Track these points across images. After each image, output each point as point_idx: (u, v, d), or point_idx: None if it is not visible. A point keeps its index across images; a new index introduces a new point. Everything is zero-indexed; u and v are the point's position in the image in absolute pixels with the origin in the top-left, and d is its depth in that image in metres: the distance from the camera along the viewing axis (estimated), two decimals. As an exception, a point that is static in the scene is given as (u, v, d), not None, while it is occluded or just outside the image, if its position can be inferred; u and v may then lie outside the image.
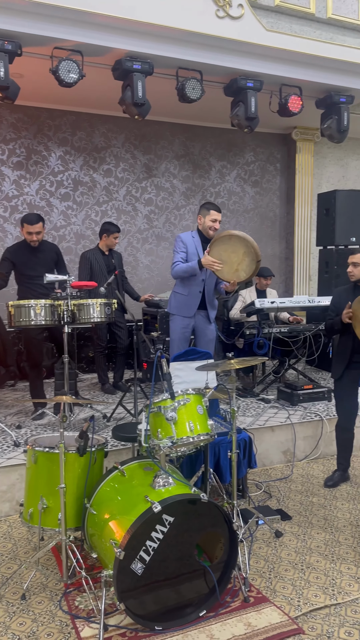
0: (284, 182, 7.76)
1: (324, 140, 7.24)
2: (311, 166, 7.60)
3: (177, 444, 2.43)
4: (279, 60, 5.24)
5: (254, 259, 3.86)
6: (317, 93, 5.77)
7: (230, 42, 4.91)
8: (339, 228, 5.97)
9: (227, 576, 2.44)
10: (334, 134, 5.76)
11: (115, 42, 4.62)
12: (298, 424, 4.27)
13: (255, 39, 4.97)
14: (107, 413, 4.40)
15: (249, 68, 5.15)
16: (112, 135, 6.64)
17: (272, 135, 7.58)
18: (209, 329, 4.26)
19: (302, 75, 5.39)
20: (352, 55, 5.43)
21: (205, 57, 4.96)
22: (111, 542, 2.27)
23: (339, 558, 2.81)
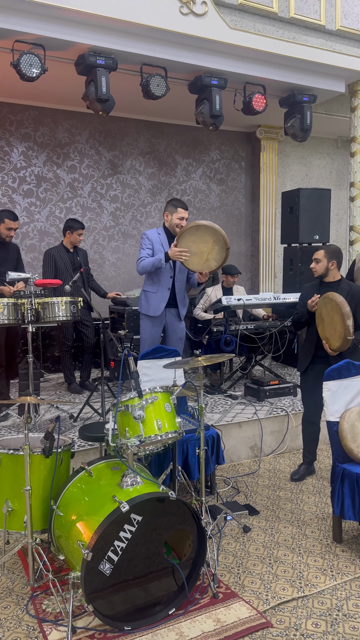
0: (249, 180, 7.82)
1: (288, 139, 7.34)
2: (275, 165, 7.69)
3: (145, 442, 2.41)
4: (243, 58, 5.28)
5: (223, 247, 3.86)
6: (280, 92, 5.84)
7: (194, 39, 4.91)
8: (303, 226, 6.05)
9: (196, 573, 2.44)
10: (297, 132, 5.84)
11: (78, 36, 4.55)
12: (265, 419, 4.31)
13: (219, 37, 4.98)
14: (74, 413, 4.35)
15: (213, 66, 5.16)
16: (76, 131, 6.55)
17: (236, 134, 7.62)
18: (179, 327, 4.25)
19: (265, 73, 5.44)
20: (314, 54, 5.51)
21: (170, 54, 4.95)
22: (78, 543, 2.24)
23: (305, 551, 2.86)
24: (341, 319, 3.32)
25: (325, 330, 3.48)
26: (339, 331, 3.36)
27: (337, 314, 3.36)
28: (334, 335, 3.42)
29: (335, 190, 8.36)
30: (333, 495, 2.91)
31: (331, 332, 3.43)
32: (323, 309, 3.47)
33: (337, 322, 3.36)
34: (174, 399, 2.61)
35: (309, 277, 5.94)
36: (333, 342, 3.43)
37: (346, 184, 8.54)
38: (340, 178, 8.61)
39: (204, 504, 2.84)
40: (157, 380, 3.37)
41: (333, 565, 2.71)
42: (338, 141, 8.46)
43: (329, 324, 3.44)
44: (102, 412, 4.16)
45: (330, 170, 8.51)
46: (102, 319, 4.27)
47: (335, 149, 8.50)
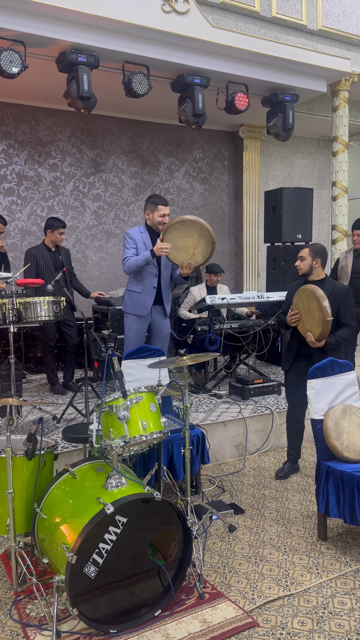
0: (232, 179, 7.83)
1: (270, 138, 7.36)
2: (258, 164, 7.70)
3: (130, 443, 2.39)
4: (225, 57, 5.27)
5: (209, 241, 3.85)
6: (262, 91, 5.85)
7: (176, 38, 4.89)
8: (286, 225, 6.07)
9: (182, 574, 2.43)
10: (280, 132, 5.86)
11: (59, 33, 4.50)
12: (249, 418, 4.32)
13: (201, 35, 4.97)
14: (57, 414, 4.30)
15: (196, 64, 5.15)
16: (58, 129, 6.48)
17: (219, 133, 7.62)
18: (165, 325, 4.23)
19: (248, 72, 5.45)
20: (296, 54, 5.53)
21: (152, 52, 4.92)
22: (63, 546, 2.21)
23: (291, 549, 2.86)
24: (317, 304, 3.34)
25: (305, 324, 3.49)
26: (318, 316, 3.36)
27: (312, 300, 3.37)
28: (313, 324, 3.42)
29: (317, 190, 8.41)
30: (318, 493, 2.91)
31: (311, 321, 3.43)
32: (299, 304, 3.48)
33: (314, 309, 3.37)
34: (158, 399, 2.59)
35: (293, 276, 5.98)
36: (315, 330, 3.42)
37: (328, 183, 8.61)
38: (322, 177, 8.67)
39: (189, 504, 2.83)
40: (141, 380, 3.34)
41: (318, 563, 2.72)
42: (320, 141, 8.51)
43: (307, 315, 3.45)
44: (85, 413, 4.12)
45: (312, 170, 8.56)
46: (85, 318, 4.23)
47: (317, 149, 8.56)
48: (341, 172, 6.38)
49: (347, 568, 2.66)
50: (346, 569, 2.65)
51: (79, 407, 4.34)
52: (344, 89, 6.23)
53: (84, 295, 5.26)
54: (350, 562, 2.71)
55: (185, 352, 2.78)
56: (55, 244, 5.08)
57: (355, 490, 2.71)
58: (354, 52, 6.39)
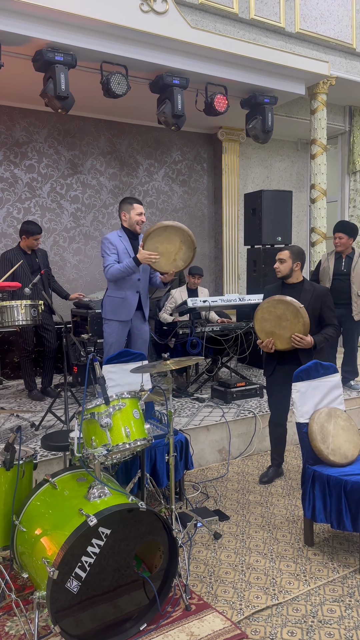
0: (211, 181, 7.81)
1: (249, 141, 7.37)
2: (237, 166, 7.70)
3: (113, 451, 2.31)
4: (204, 58, 5.25)
5: (190, 247, 3.81)
6: (241, 93, 5.84)
7: (155, 38, 4.84)
8: (265, 227, 6.06)
9: (167, 585, 2.36)
10: (259, 134, 5.86)
11: (35, 31, 4.41)
12: (232, 422, 4.27)
13: (180, 36, 4.93)
14: (35, 421, 4.18)
15: (175, 65, 5.11)
16: (34, 129, 6.37)
17: (198, 135, 7.60)
18: (143, 330, 4.15)
19: (227, 74, 5.43)
20: (274, 56, 5.53)
21: (130, 52, 4.86)
22: (43, 560, 2.12)
23: (278, 556, 2.81)
24: (289, 312, 3.39)
25: (276, 329, 3.49)
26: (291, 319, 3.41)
27: (283, 311, 3.41)
28: (282, 337, 3.46)
29: (296, 193, 8.46)
30: (304, 497, 2.87)
31: (285, 325, 3.45)
32: (267, 323, 3.49)
33: (287, 317, 3.41)
34: (142, 405, 2.52)
35: (273, 278, 5.96)
36: (279, 344, 3.48)
37: (306, 186, 8.66)
38: (300, 180, 8.72)
39: (174, 512, 2.76)
40: (123, 385, 3.26)
41: (306, 569, 2.67)
42: (298, 144, 8.56)
43: (277, 325, 3.46)
44: (65, 419, 4.02)
45: (291, 173, 8.60)
46: (64, 322, 4.13)
47: (295, 152, 8.60)
48: (320, 174, 6.40)
49: (334, 574, 2.62)
50: (334, 575, 2.62)
51: (58, 414, 4.23)
52: (322, 92, 6.26)
53: (63, 297, 5.15)
54: (338, 568, 2.67)
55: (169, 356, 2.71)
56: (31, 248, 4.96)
57: (342, 495, 2.68)
58: (332, 55, 6.44)
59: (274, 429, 3.78)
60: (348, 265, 4.98)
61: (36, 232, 4.85)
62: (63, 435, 3.06)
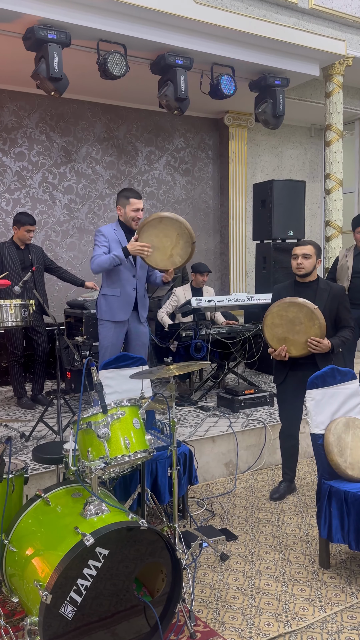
0: (217, 170, 7.82)
1: (258, 126, 7.37)
2: (245, 154, 7.71)
3: (111, 464, 2.31)
4: (210, 36, 5.26)
5: (188, 241, 3.80)
6: (250, 74, 5.85)
7: (156, 14, 4.85)
8: (276, 221, 6.07)
9: (170, 611, 2.35)
10: (269, 119, 5.87)
11: (25, 6, 4.44)
12: (240, 433, 4.27)
13: (184, 12, 4.94)
14: (25, 431, 4.19)
15: (178, 44, 5.12)
16: (25, 114, 6.38)
17: (202, 120, 7.61)
18: (142, 332, 4.14)
19: (234, 54, 5.44)
20: (286, 34, 5.55)
21: (129, 29, 4.88)
22: (35, 583, 2.11)
23: (290, 579, 2.81)
24: (302, 314, 3.40)
25: (289, 334, 3.49)
26: (306, 323, 3.41)
27: (296, 314, 3.42)
28: (296, 342, 3.46)
29: (309, 183, 8.46)
30: (319, 516, 2.87)
31: (299, 329, 3.46)
32: (279, 329, 3.49)
33: (300, 320, 3.41)
34: (142, 413, 2.52)
35: (284, 276, 5.97)
36: (294, 350, 3.48)
37: (320, 176, 8.66)
38: (314, 169, 8.72)
39: (177, 530, 2.76)
40: (122, 393, 3.26)
41: (321, 594, 2.67)
42: (311, 129, 8.57)
43: (290, 330, 3.46)
44: (58, 429, 4.02)
45: (304, 161, 8.61)
46: (57, 323, 4.13)
47: (309, 138, 8.61)
48: (335, 163, 6.40)
49: (353, 599, 2.62)
50: (352, 600, 2.61)
51: (50, 423, 4.24)
52: (338, 73, 6.27)
53: (79, 285, 5.24)
54: (357, 593, 2.67)
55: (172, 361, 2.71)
56: (24, 242, 4.97)
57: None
58: (349, 33, 6.44)
59: (286, 440, 3.78)
60: None
61: (27, 222, 4.86)
62: (56, 446, 3.06)
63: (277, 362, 3.67)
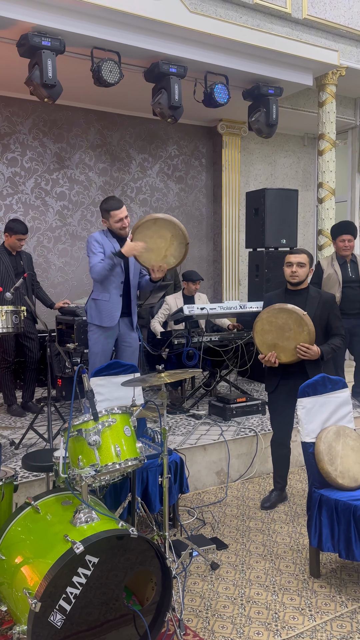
0: (210, 178, 7.87)
1: (251, 135, 7.43)
2: (238, 162, 7.76)
3: (102, 472, 2.32)
4: (204, 45, 5.31)
5: (182, 242, 3.84)
6: (244, 83, 5.91)
7: (150, 22, 4.90)
8: (269, 229, 6.12)
9: (160, 620, 2.36)
10: (263, 127, 5.92)
11: (20, 13, 4.46)
12: (232, 441, 4.28)
13: (178, 21, 4.99)
14: (15, 439, 4.18)
15: (172, 52, 5.17)
16: (17, 119, 6.41)
17: (196, 128, 7.67)
18: (133, 338, 4.17)
19: (228, 62, 5.49)
20: (279, 44, 5.61)
21: (124, 37, 4.92)
22: (25, 591, 2.12)
23: (280, 588, 2.82)
24: (292, 320, 3.44)
25: (279, 341, 3.52)
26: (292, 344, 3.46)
27: (285, 320, 3.45)
28: (286, 349, 3.49)
29: (302, 191, 8.53)
30: (310, 524, 2.89)
31: (288, 336, 3.49)
32: (269, 335, 3.52)
33: (290, 327, 3.45)
34: (133, 421, 2.54)
35: (276, 284, 6.01)
36: (284, 356, 3.51)
37: (313, 185, 8.74)
38: (307, 178, 8.80)
39: (167, 539, 2.77)
40: (113, 400, 3.28)
41: (311, 603, 2.68)
42: (305, 138, 8.65)
43: (280, 337, 3.49)
44: (48, 437, 4.02)
45: (297, 170, 8.68)
46: (48, 330, 4.14)
47: (302, 147, 8.69)
48: (328, 172, 6.47)
49: (343, 608, 2.63)
50: (342, 609, 2.63)
51: (41, 431, 4.24)
52: (331, 83, 6.35)
53: (48, 305, 5.18)
54: (347, 602, 2.69)
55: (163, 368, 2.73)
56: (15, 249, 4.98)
57: (351, 521, 2.70)
58: (342, 43, 6.53)
59: (277, 449, 3.80)
60: (355, 271, 5.03)
61: (20, 231, 4.87)
62: (46, 454, 3.07)
63: (269, 370, 3.70)
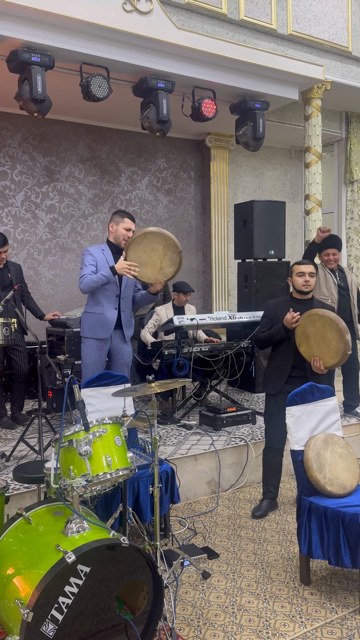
0: (199, 191, 7.95)
1: (239, 148, 7.53)
2: (226, 175, 7.86)
3: (93, 482, 2.34)
4: (191, 60, 5.40)
5: (175, 251, 3.88)
6: (231, 98, 6.00)
7: (138, 39, 4.98)
8: (257, 240, 6.19)
9: (152, 629, 2.37)
10: (250, 141, 6.01)
11: (9, 30, 4.52)
12: (222, 451, 4.31)
13: (166, 37, 5.08)
14: (5, 451, 4.18)
15: (160, 67, 5.24)
16: (7, 133, 6.45)
17: (184, 141, 7.75)
18: (125, 351, 4.19)
19: (215, 77, 5.58)
20: (265, 59, 5.71)
21: (112, 53, 4.99)
22: (17, 602, 2.12)
23: (271, 596, 2.84)
24: (338, 335, 3.45)
25: (313, 349, 3.54)
26: (334, 347, 3.47)
27: (331, 330, 3.46)
28: (327, 353, 3.50)
29: (289, 203, 8.64)
30: (299, 532, 2.92)
31: (323, 349, 3.51)
32: (309, 326, 3.54)
33: (332, 339, 3.47)
34: (124, 431, 2.56)
35: (265, 295, 6.07)
36: (328, 360, 3.52)
37: (300, 197, 8.84)
38: (294, 190, 8.91)
39: (158, 549, 2.78)
40: (104, 411, 3.30)
41: (302, 610, 2.70)
42: (291, 151, 8.77)
43: (320, 342, 3.52)
44: (39, 449, 4.03)
45: (284, 182, 8.79)
46: (38, 342, 4.16)
47: (289, 160, 8.81)
48: (314, 184, 6.56)
49: (333, 615, 2.66)
50: (332, 616, 2.65)
51: (31, 443, 4.24)
52: (316, 97, 6.46)
53: (38, 317, 5.20)
54: (337, 609, 2.71)
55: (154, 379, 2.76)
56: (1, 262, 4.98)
57: (340, 528, 2.73)
58: (326, 58, 6.66)
59: (273, 456, 3.80)
60: (344, 280, 5.08)
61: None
62: (37, 466, 3.08)
63: (274, 372, 3.73)
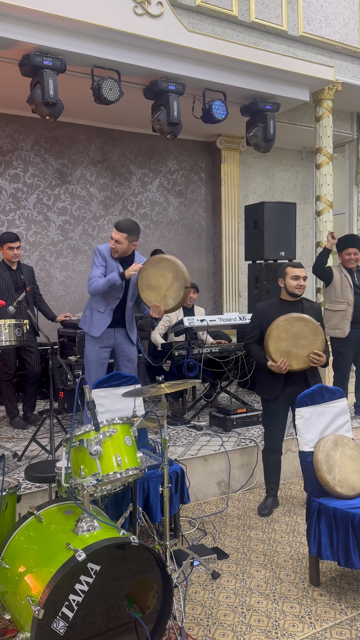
0: (210, 192, 7.96)
1: (250, 149, 7.53)
2: (237, 176, 7.86)
3: (103, 481, 2.36)
4: (202, 63, 5.41)
5: (182, 285, 3.92)
6: (241, 99, 6.01)
7: (149, 42, 5.01)
8: (268, 242, 6.19)
9: (161, 627, 2.39)
10: (260, 143, 6.01)
11: (22, 35, 4.56)
12: (232, 452, 4.32)
13: (176, 40, 5.10)
14: (18, 451, 4.22)
15: (170, 70, 5.26)
16: (20, 137, 6.51)
17: (195, 143, 7.77)
18: (129, 349, 4.23)
19: (226, 79, 5.59)
20: (276, 61, 5.71)
21: (123, 56, 5.02)
22: (28, 599, 2.15)
23: (281, 597, 2.85)
24: (308, 329, 3.57)
25: (293, 348, 3.60)
26: (304, 357, 3.60)
27: (301, 329, 3.57)
28: (298, 357, 3.60)
29: (300, 205, 8.61)
30: (309, 533, 2.92)
31: (303, 344, 3.59)
32: (283, 342, 3.61)
33: (305, 335, 3.58)
34: (134, 432, 2.58)
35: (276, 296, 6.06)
36: (295, 364, 3.61)
37: (311, 198, 8.83)
38: (305, 191, 8.89)
39: (168, 548, 2.80)
40: (114, 411, 3.32)
41: (311, 611, 2.71)
42: (302, 152, 8.76)
43: (294, 344, 3.59)
44: (51, 449, 4.06)
45: (295, 183, 8.78)
46: (50, 343, 4.20)
47: (300, 161, 8.79)
48: (325, 185, 6.55)
49: (342, 616, 2.66)
50: (341, 617, 2.65)
51: (43, 443, 4.27)
52: (327, 98, 6.45)
53: (50, 318, 5.24)
54: (346, 610, 2.71)
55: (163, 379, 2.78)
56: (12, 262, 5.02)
57: (349, 529, 2.73)
58: (337, 59, 6.64)
59: (273, 455, 3.88)
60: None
61: (7, 239, 4.90)
62: (48, 465, 3.11)
63: (270, 378, 3.75)
